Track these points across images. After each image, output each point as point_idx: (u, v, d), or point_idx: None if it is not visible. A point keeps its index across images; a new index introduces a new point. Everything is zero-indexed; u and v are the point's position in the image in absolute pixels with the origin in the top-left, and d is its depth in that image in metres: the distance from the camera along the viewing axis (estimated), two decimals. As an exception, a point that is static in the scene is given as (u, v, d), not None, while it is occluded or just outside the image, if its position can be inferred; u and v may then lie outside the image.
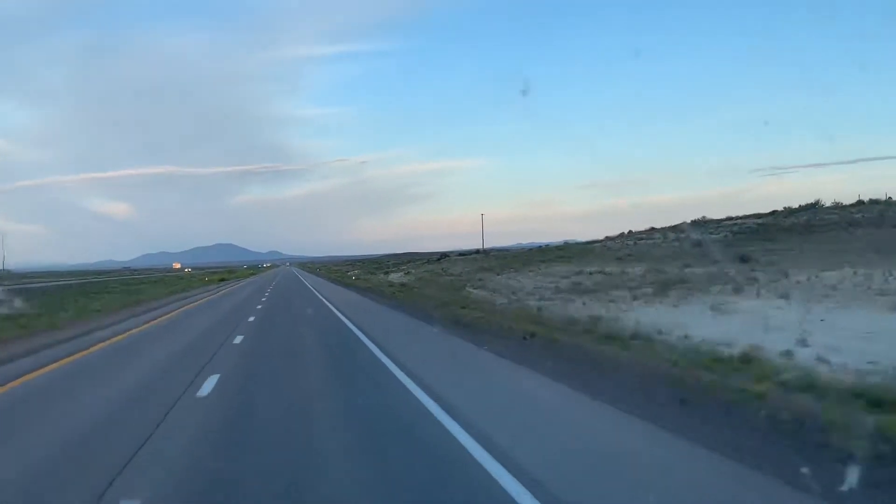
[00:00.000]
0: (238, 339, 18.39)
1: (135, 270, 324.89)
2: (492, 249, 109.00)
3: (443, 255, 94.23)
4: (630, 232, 69.47)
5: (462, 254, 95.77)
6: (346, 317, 26.25)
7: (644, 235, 64.66)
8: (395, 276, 77.64)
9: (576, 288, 35.94)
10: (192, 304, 37.90)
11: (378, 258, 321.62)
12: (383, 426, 8.18)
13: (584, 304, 28.07)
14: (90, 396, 10.68)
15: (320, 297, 41.76)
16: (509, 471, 6.07)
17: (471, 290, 44.33)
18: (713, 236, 51.70)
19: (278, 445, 7.35)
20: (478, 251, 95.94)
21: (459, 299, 32.83)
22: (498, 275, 54.67)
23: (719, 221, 60.39)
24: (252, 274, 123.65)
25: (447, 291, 41.38)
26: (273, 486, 5.88)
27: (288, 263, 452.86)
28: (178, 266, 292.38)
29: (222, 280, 74.01)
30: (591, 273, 43.56)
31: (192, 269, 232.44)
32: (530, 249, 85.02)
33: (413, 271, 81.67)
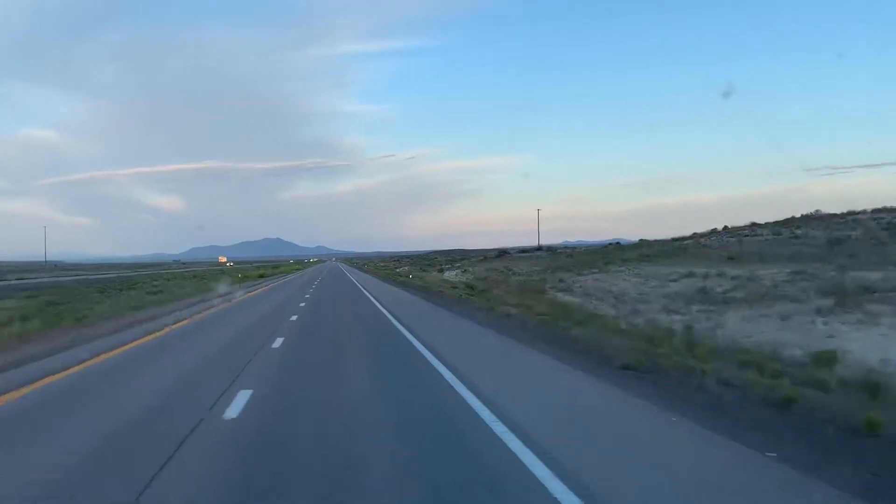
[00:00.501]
0: (245, 394, 10.16)
1: (183, 263, 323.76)
2: (548, 246, 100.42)
3: (501, 252, 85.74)
4: (725, 228, 60.25)
5: (523, 251, 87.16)
6: (415, 335, 18.31)
7: (746, 231, 55.37)
8: (451, 275, 69.62)
9: (706, 296, 27.28)
10: (202, 315, 27.82)
11: (424, 254, 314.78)
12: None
13: (774, 324, 19.53)
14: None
15: (372, 299, 34.19)
16: None
17: (555, 293, 35.96)
18: (853, 233, 42.27)
19: None
20: (539, 248, 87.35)
21: (556, 309, 24.52)
22: (579, 275, 46.16)
23: (845, 216, 50.77)
24: (297, 269, 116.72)
25: (528, 296, 33.12)
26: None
27: (334, 259, 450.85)
28: (224, 260, 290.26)
29: (261, 276, 67.25)
30: (706, 276, 34.80)
31: (235, 263, 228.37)
32: (606, 246, 76.18)
33: (471, 269, 73.49)
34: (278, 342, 16.35)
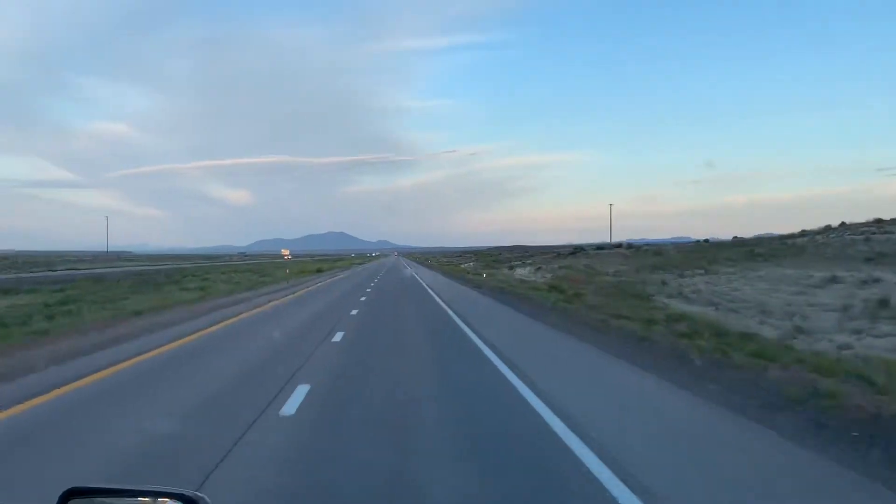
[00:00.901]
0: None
1: (246, 255, 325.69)
2: (627, 243, 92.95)
3: (577, 248, 78.75)
4: (843, 224, 52.14)
5: (599, 247, 79.94)
6: (509, 363, 12.17)
7: (873, 228, 47.28)
8: (523, 272, 63.23)
9: (891, 310, 20.26)
10: (229, 321, 20.92)
11: (486, 250, 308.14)
12: None
13: None
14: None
15: (443, 304, 28.14)
16: None
17: (663, 299, 29.23)
18: None
19: None
20: (619, 245, 79.99)
21: (694, 325, 17.98)
22: (682, 276, 39.22)
23: None
24: (358, 263, 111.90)
25: (631, 303, 26.62)
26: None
27: (396, 253, 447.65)
28: (286, 253, 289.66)
29: (318, 271, 62.14)
30: (863, 282, 27.58)
31: (298, 256, 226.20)
32: (699, 243, 68.54)
33: (545, 266, 66.86)
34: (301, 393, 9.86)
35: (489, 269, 75.83)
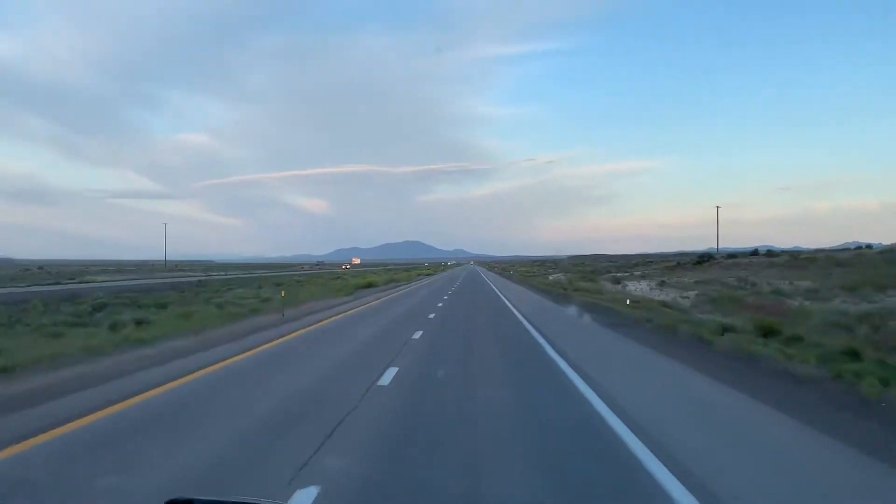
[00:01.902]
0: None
1: (318, 264, 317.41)
2: (756, 251, 74.95)
3: (704, 257, 61.32)
4: None
5: (731, 255, 62.28)
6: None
7: None
8: (639, 288, 46.91)
9: None
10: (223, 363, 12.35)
11: (566, 259, 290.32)
12: None
13: None
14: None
15: (559, 360, 12.69)
16: None
17: None
18: None
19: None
20: (755, 252, 62.36)
21: None
22: None
23: None
24: (427, 274, 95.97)
25: None
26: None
27: (472, 262, 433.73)
28: (356, 261, 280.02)
29: (369, 285, 47.92)
30: None
31: (371, 265, 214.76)
32: (884, 252, 50.62)
33: (669, 281, 50.12)
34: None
35: (586, 281, 59.78)
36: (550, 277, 75.09)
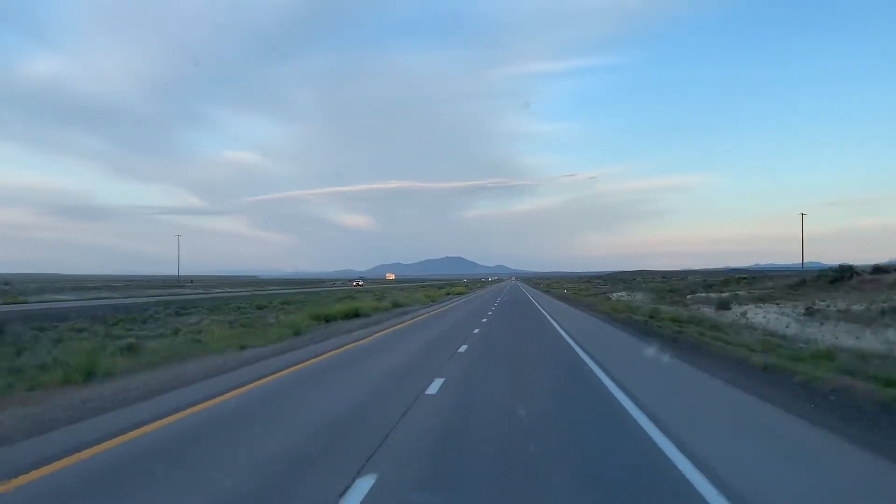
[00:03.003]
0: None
1: (354, 281, 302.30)
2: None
3: (842, 271, 43.35)
4: None
5: (878, 268, 44.21)
6: None
7: None
8: (768, 316, 29.66)
9: None
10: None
11: (609, 275, 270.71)
12: None
13: None
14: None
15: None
16: None
17: None
18: None
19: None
20: (878, 268, 44.38)
21: None
22: None
23: None
24: (460, 293, 76.94)
25: None
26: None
27: (513, 278, 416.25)
28: (391, 277, 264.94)
29: (395, 306, 35.44)
30: None
31: (410, 281, 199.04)
32: None
33: (781, 301, 32.63)
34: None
35: (670, 304, 42.67)
36: (613, 297, 57.77)
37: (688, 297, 50.64)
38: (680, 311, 35.40)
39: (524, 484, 6.03)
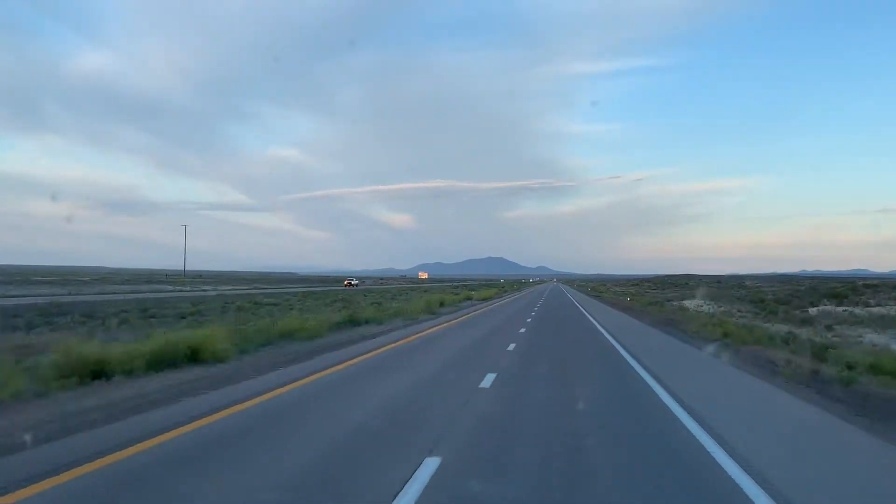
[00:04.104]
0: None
1: (386, 279, 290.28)
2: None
3: None
4: None
5: None
6: None
7: None
8: None
9: None
10: None
11: (653, 278, 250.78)
12: None
13: None
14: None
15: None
16: None
17: None
18: None
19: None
20: None
21: None
22: None
23: None
24: (485, 298, 57.81)
25: None
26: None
27: (555, 280, 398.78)
28: (424, 276, 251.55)
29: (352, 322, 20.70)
30: None
31: (449, 281, 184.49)
32: None
33: None
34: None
35: (791, 322, 27.24)
36: (689, 307, 42.03)
37: (809, 310, 34.85)
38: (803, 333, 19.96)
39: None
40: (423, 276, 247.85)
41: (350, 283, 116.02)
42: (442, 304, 36.79)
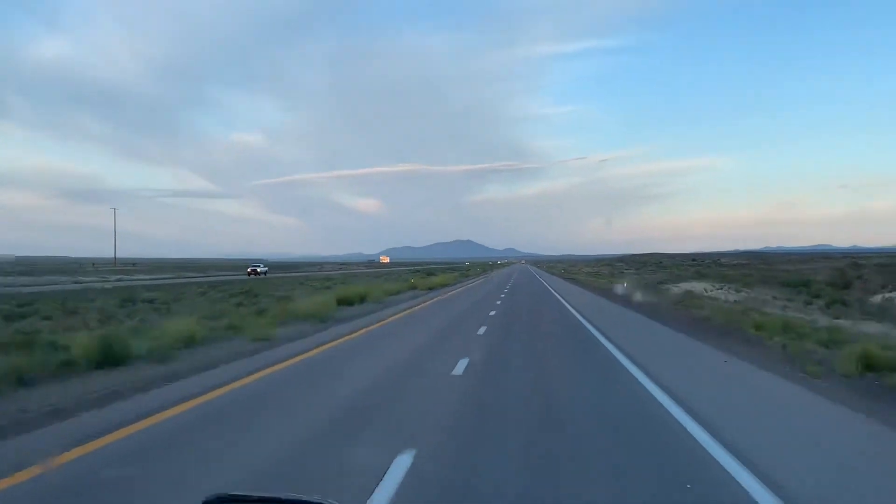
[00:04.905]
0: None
1: (339, 265, 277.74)
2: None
3: None
4: None
5: None
6: None
7: None
8: None
9: None
10: None
11: (619, 258, 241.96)
12: None
13: None
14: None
15: None
16: None
17: None
18: None
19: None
20: None
21: None
22: None
23: None
24: (442, 284, 45.42)
25: None
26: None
27: (523, 261, 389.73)
28: (385, 260, 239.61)
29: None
30: None
31: (396, 266, 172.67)
32: None
33: None
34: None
35: (828, 312, 16.90)
36: (701, 294, 31.33)
37: (875, 297, 24.43)
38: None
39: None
40: (385, 260, 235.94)
41: (255, 270, 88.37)
42: (363, 299, 25.48)
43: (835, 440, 6.54)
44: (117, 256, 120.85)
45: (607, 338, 14.85)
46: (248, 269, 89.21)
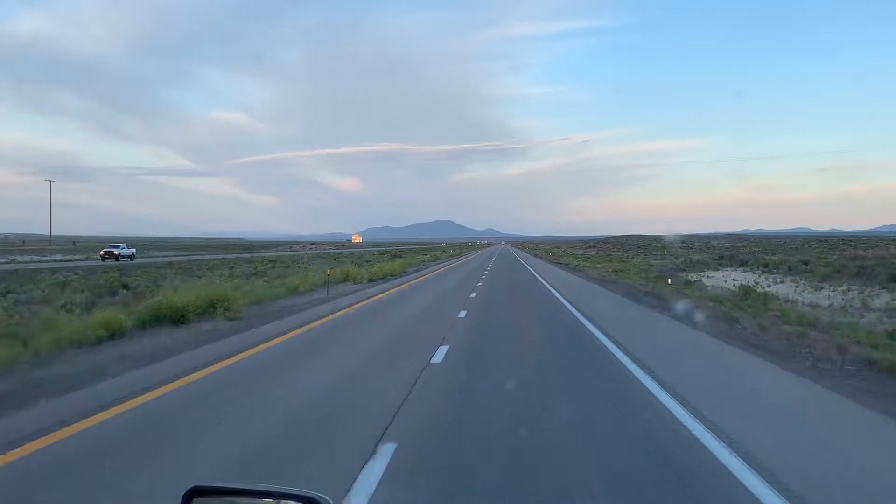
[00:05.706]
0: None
1: (310, 244, 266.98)
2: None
3: None
4: None
5: None
6: None
7: None
8: None
9: None
10: None
11: (601, 239, 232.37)
12: None
13: None
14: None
15: None
16: None
17: None
18: None
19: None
20: None
21: None
22: None
23: None
24: (402, 272, 36.84)
25: None
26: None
27: (503, 242, 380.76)
28: (357, 240, 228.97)
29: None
30: None
31: (387, 245, 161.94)
32: None
33: None
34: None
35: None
36: (708, 280, 21.02)
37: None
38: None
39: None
40: (357, 239, 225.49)
41: (111, 253, 59.10)
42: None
43: None
44: (91, 234, 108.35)
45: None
46: (102, 252, 60.16)
